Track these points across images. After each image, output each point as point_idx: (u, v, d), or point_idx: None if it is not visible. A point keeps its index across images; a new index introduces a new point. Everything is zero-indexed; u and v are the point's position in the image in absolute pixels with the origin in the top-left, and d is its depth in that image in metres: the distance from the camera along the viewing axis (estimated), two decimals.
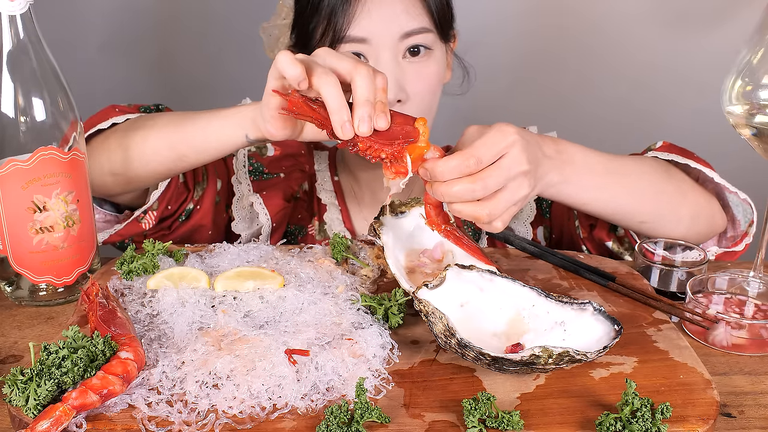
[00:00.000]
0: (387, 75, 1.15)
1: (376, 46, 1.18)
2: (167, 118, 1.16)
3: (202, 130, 1.10)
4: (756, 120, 0.97)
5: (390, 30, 1.18)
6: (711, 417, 0.76)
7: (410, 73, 1.20)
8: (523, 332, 0.87)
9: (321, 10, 1.19)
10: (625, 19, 2.04)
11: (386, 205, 1.03)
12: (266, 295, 0.95)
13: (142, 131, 1.14)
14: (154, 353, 0.83)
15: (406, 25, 1.18)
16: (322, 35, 1.20)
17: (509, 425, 0.73)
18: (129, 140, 1.14)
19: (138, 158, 1.13)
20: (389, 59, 1.18)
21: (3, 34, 0.94)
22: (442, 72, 1.26)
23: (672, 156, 1.19)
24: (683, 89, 2.05)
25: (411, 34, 1.19)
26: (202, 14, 2.01)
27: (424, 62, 1.22)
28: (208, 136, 1.10)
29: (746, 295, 1.04)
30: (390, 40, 1.18)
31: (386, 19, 1.18)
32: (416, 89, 1.21)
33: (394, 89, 1.18)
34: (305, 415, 0.75)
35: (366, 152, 0.88)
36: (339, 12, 1.17)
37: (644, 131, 2.10)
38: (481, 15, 1.96)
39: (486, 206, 0.90)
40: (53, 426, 0.71)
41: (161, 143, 1.12)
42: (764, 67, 0.95)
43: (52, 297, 1.04)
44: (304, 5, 1.24)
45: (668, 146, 1.22)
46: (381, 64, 1.18)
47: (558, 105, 2.11)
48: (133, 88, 2.07)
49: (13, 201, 0.97)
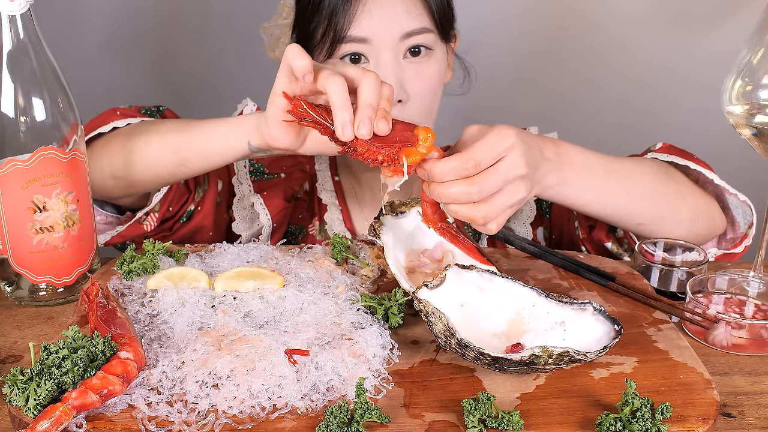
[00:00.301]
0: (388, 75, 1.15)
1: (377, 46, 1.18)
2: (171, 123, 1.16)
3: (207, 136, 1.10)
4: (756, 120, 0.97)
5: (391, 30, 1.18)
6: (711, 417, 0.76)
7: (411, 73, 1.20)
8: (523, 332, 0.87)
9: (322, 11, 1.19)
10: (626, 19, 2.04)
11: (386, 204, 1.03)
12: (266, 295, 0.95)
13: (145, 135, 1.14)
14: (154, 353, 0.83)
15: (407, 25, 1.18)
16: (322, 35, 1.20)
17: (509, 425, 0.73)
18: (132, 144, 1.14)
19: (141, 162, 1.13)
20: (390, 59, 1.18)
21: (3, 34, 0.94)
22: (442, 72, 1.26)
23: (671, 157, 1.19)
24: (683, 89, 2.05)
25: (412, 34, 1.19)
26: (203, 14, 2.01)
27: (425, 62, 1.22)
28: (213, 142, 1.10)
29: (746, 295, 1.04)
30: (390, 40, 1.18)
31: (387, 19, 1.18)
32: (417, 89, 1.21)
33: (395, 89, 1.17)
34: (305, 415, 0.75)
35: (364, 156, 0.89)
36: (340, 12, 1.17)
37: (644, 131, 2.10)
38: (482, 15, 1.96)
39: (482, 208, 0.91)
40: (53, 426, 0.71)
41: (165, 147, 1.12)
42: (764, 67, 0.95)
43: (52, 297, 1.04)
44: (305, 5, 1.24)
45: (668, 147, 1.22)
46: (382, 64, 1.18)
47: (558, 105, 2.11)
48: (133, 88, 2.07)
49: (13, 201, 0.97)
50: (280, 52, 1.34)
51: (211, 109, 1.45)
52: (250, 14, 1.46)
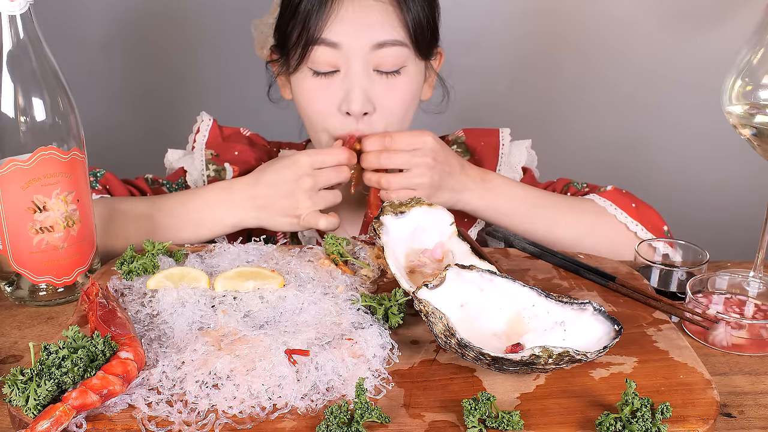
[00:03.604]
0: (354, 86, 1.21)
1: (347, 52, 1.19)
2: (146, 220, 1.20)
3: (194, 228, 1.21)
4: (756, 120, 0.97)
5: (362, 38, 1.19)
6: (711, 417, 0.76)
7: (379, 87, 1.22)
8: (523, 332, 0.87)
9: (298, 14, 1.21)
10: (625, 19, 2.04)
11: (386, 204, 1.04)
12: (266, 295, 0.95)
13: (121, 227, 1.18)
14: (154, 353, 0.83)
15: (379, 36, 1.19)
16: (297, 38, 1.21)
17: (509, 425, 0.73)
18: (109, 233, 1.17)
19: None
20: (359, 70, 1.20)
21: (3, 34, 0.94)
22: (415, 89, 1.27)
23: (605, 203, 1.26)
24: (683, 89, 2.05)
25: (384, 45, 1.20)
26: (203, 14, 2.01)
27: (395, 78, 1.23)
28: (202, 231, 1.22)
29: (746, 295, 1.04)
30: (361, 49, 1.19)
31: (359, 27, 1.19)
32: (384, 103, 1.22)
33: (362, 101, 1.20)
34: (305, 415, 0.75)
35: None
36: (314, 15, 1.19)
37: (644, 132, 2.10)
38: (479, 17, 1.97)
39: (385, 177, 1.18)
40: (53, 426, 0.71)
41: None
42: (764, 67, 0.95)
43: (52, 297, 1.04)
44: (284, 7, 1.26)
45: (614, 192, 1.29)
46: (350, 74, 1.20)
47: (556, 107, 2.11)
48: (133, 88, 2.08)
49: (13, 201, 0.97)
50: (267, 50, 1.34)
51: (211, 109, 1.46)
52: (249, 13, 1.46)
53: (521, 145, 1.40)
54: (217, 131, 1.39)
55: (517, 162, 1.40)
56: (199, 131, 1.39)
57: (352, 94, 1.20)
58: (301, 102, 1.27)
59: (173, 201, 1.21)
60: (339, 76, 1.21)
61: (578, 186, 1.37)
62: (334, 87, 1.22)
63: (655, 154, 2.10)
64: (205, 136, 1.38)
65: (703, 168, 2.09)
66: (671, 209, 2.13)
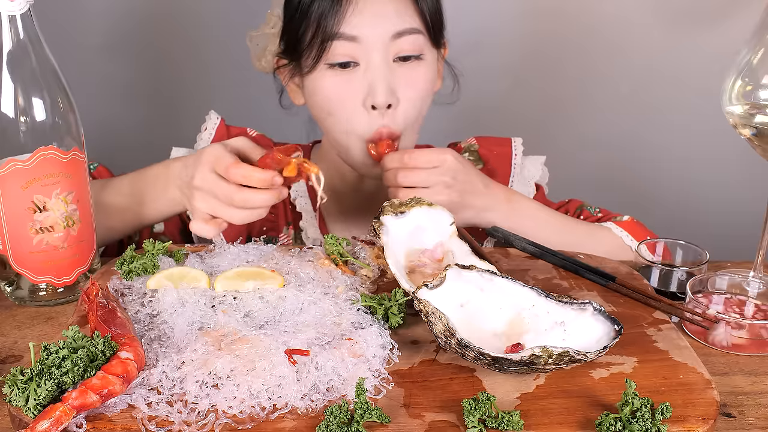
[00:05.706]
0: (378, 79, 1.18)
1: (366, 45, 1.18)
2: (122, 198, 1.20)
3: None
4: (756, 120, 0.97)
5: (381, 29, 1.18)
6: (711, 417, 0.76)
7: (401, 77, 1.20)
8: (523, 332, 0.87)
9: (310, 14, 1.19)
10: (625, 19, 2.04)
11: (386, 204, 1.03)
12: (266, 295, 0.95)
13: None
14: (154, 353, 0.83)
15: (398, 25, 1.18)
16: (311, 38, 1.20)
17: (509, 425, 0.73)
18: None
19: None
20: (380, 61, 1.18)
21: (3, 34, 0.94)
22: (433, 77, 1.26)
23: (622, 233, 1.27)
24: (683, 89, 2.05)
25: (402, 34, 1.19)
26: (203, 15, 2.01)
27: (415, 66, 1.22)
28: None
29: (746, 295, 1.04)
30: (380, 40, 1.18)
31: (377, 18, 1.18)
32: (407, 94, 1.21)
33: (385, 93, 1.18)
34: (305, 415, 0.75)
35: None
36: (329, 13, 1.17)
37: (644, 131, 2.10)
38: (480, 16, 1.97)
39: (403, 193, 1.14)
40: (53, 426, 0.71)
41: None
42: (764, 67, 0.95)
43: (52, 297, 1.04)
44: (292, 11, 1.24)
45: (631, 223, 1.30)
46: (372, 67, 1.18)
47: (556, 107, 2.11)
48: (133, 88, 2.07)
49: (13, 201, 0.97)
50: (266, 61, 1.33)
51: (210, 109, 1.46)
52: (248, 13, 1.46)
53: (536, 161, 1.40)
54: (224, 130, 1.38)
55: (531, 177, 1.40)
56: (206, 129, 1.38)
57: (376, 86, 1.18)
58: (322, 102, 1.23)
59: (124, 180, 1.22)
60: (359, 71, 1.19)
61: (591, 210, 1.36)
62: (355, 82, 1.19)
63: (656, 154, 2.10)
64: (212, 134, 1.37)
65: (703, 168, 2.09)
66: (671, 209, 2.13)
